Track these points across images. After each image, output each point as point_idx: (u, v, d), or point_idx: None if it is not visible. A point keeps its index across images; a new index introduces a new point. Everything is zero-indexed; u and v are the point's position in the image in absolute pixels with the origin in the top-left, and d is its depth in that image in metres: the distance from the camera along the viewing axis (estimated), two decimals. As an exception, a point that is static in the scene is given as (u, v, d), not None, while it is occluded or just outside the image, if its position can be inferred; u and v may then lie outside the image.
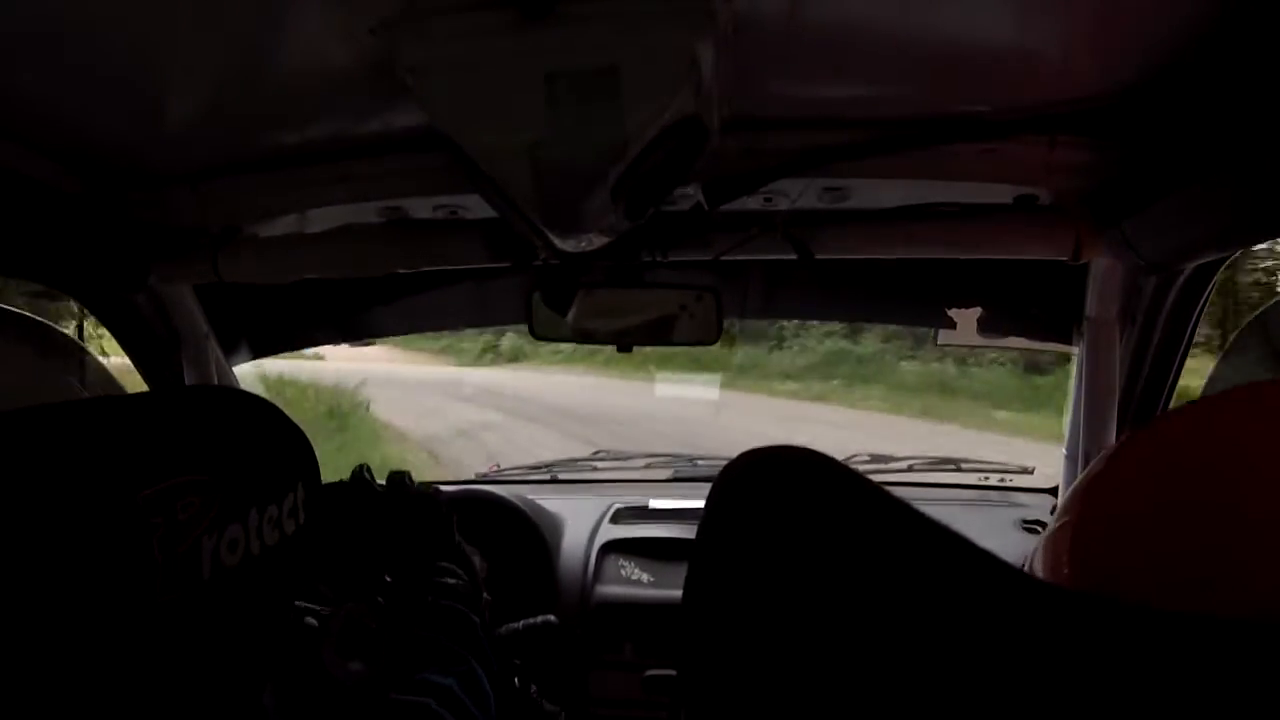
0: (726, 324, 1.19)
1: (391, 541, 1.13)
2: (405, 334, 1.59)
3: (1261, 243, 0.75)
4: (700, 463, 1.61)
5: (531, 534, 1.27)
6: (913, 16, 0.64)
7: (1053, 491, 1.39)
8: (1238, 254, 0.96)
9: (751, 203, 0.95)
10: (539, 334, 1.25)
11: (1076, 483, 0.43)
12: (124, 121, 0.81)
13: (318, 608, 1.01)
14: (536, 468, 1.70)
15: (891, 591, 0.31)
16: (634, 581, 1.24)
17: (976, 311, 1.25)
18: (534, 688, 1.01)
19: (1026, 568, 0.46)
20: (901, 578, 0.31)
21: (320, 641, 0.98)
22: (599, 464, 1.68)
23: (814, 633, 0.31)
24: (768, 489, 0.37)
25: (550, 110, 0.65)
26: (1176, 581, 0.35)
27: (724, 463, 0.41)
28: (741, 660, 0.33)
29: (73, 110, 0.77)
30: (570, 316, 1.22)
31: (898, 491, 0.35)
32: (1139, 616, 0.28)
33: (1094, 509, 0.41)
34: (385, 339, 1.66)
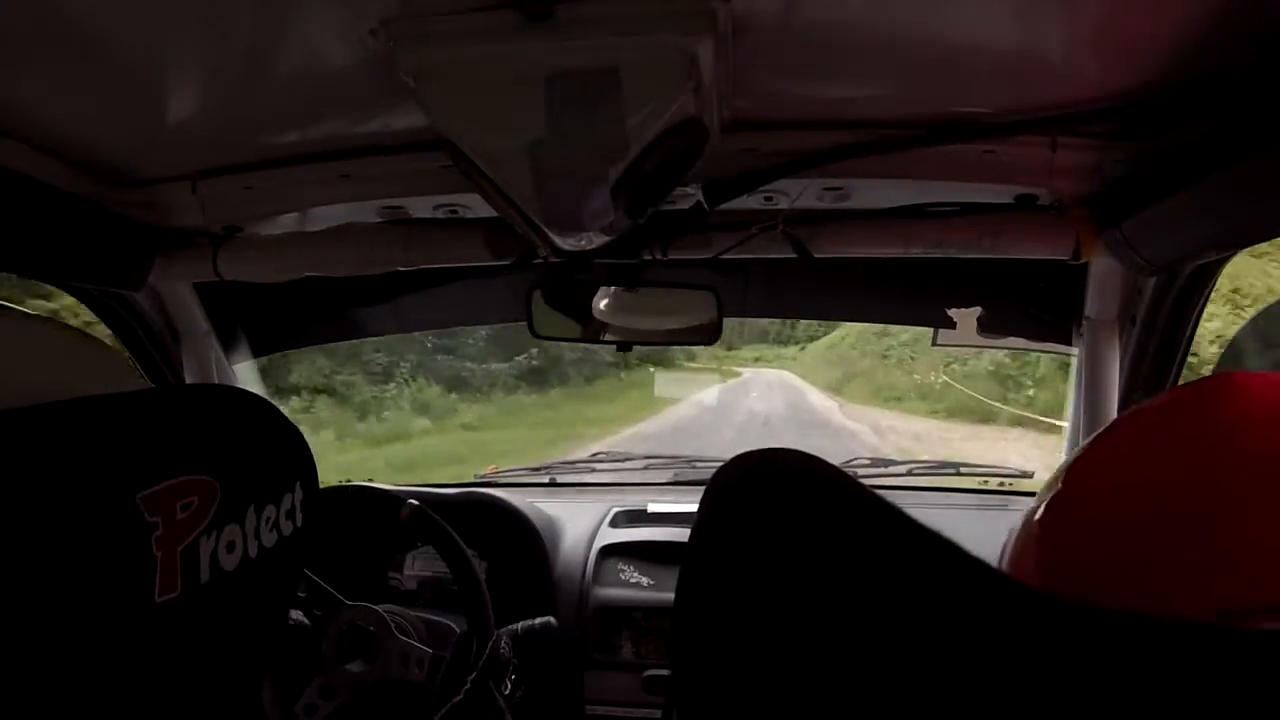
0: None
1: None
2: (405, 332, 1.59)
3: (1261, 242, 0.75)
4: (699, 465, 1.61)
5: (530, 537, 1.27)
6: (913, 17, 0.64)
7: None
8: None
9: (752, 202, 0.95)
10: (539, 333, 1.25)
11: (1050, 479, 0.44)
12: (124, 121, 0.81)
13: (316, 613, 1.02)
14: (535, 469, 1.71)
15: (880, 596, 0.31)
16: (633, 584, 1.25)
17: (976, 311, 1.25)
18: (508, 687, 1.02)
19: (1000, 561, 0.47)
20: (890, 582, 0.31)
21: (318, 640, 0.99)
22: (598, 466, 1.68)
23: (803, 636, 0.31)
24: (759, 493, 0.37)
25: (550, 112, 0.65)
26: (1136, 578, 0.36)
27: (721, 465, 0.41)
28: (732, 662, 0.33)
29: (73, 110, 0.77)
30: (569, 315, 1.23)
31: (897, 495, 0.35)
32: (1129, 624, 0.28)
33: (1063, 507, 0.42)
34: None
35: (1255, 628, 0.31)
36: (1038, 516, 0.44)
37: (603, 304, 1.22)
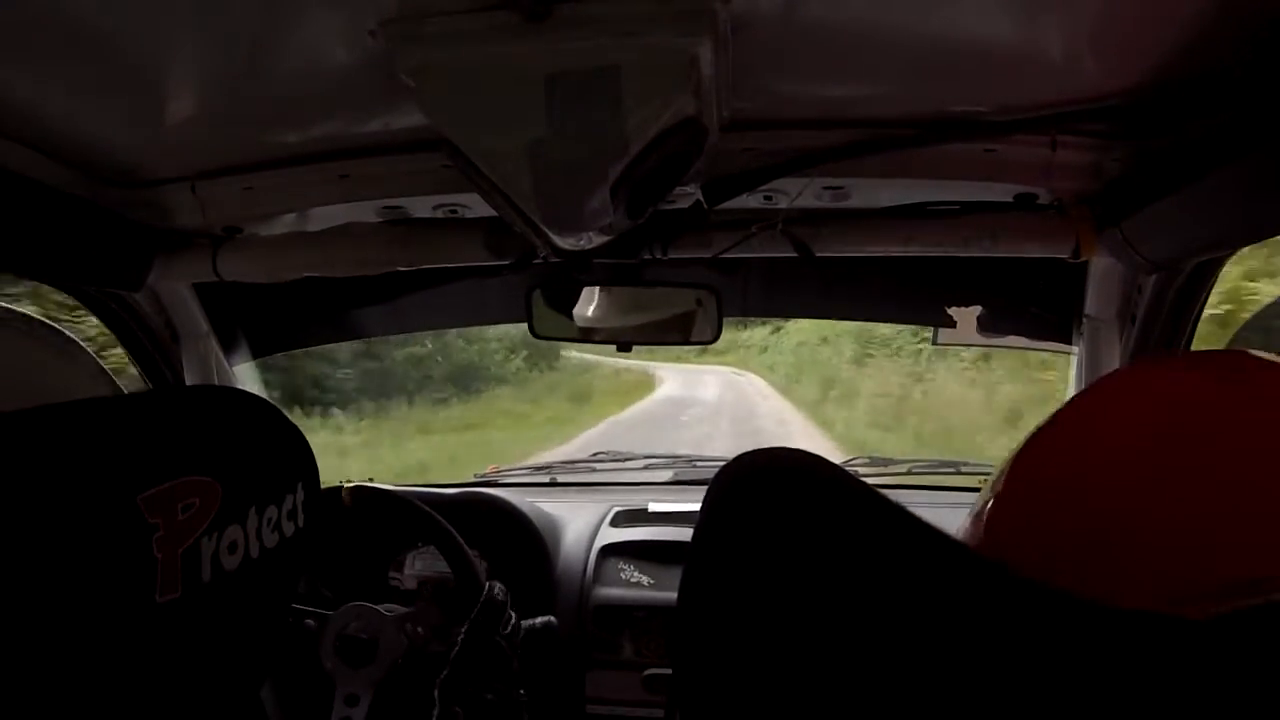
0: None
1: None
2: (405, 333, 1.60)
3: (1261, 241, 0.75)
4: (700, 464, 1.61)
5: (530, 537, 1.27)
6: (913, 16, 0.64)
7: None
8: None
9: (752, 201, 0.95)
10: (539, 333, 1.25)
11: (1003, 463, 0.44)
12: (124, 121, 0.81)
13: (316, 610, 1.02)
14: (536, 469, 1.71)
15: (883, 594, 0.31)
16: (633, 584, 1.24)
17: (976, 310, 1.25)
18: (521, 692, 1.02)
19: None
20: (892, 580, 0.31)
21: (318, 641, 0.99)
22: (598, 466, 1.68)
23: (806, 634, 0.31)
24: (762, 492, 0.37)
25: (550, 112, 0.65)
26: (1080, 559, 0.37)
27: (723, 464, 0.41)
28: (735, 661, 0.33)
29: (73, 110, 0.77)
30: (570, 315, 1.23)
31: (898, 494, 0.35)
32: (1127, 619, 0.28)
33: (1020, 480, 0.43)
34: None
35: (1209, 614, 0.31)
36: (986, 511, 0.44)
37: (601, 304, 1.22)
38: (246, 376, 1.37)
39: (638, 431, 8.41)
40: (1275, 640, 0.27)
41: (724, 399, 9.87)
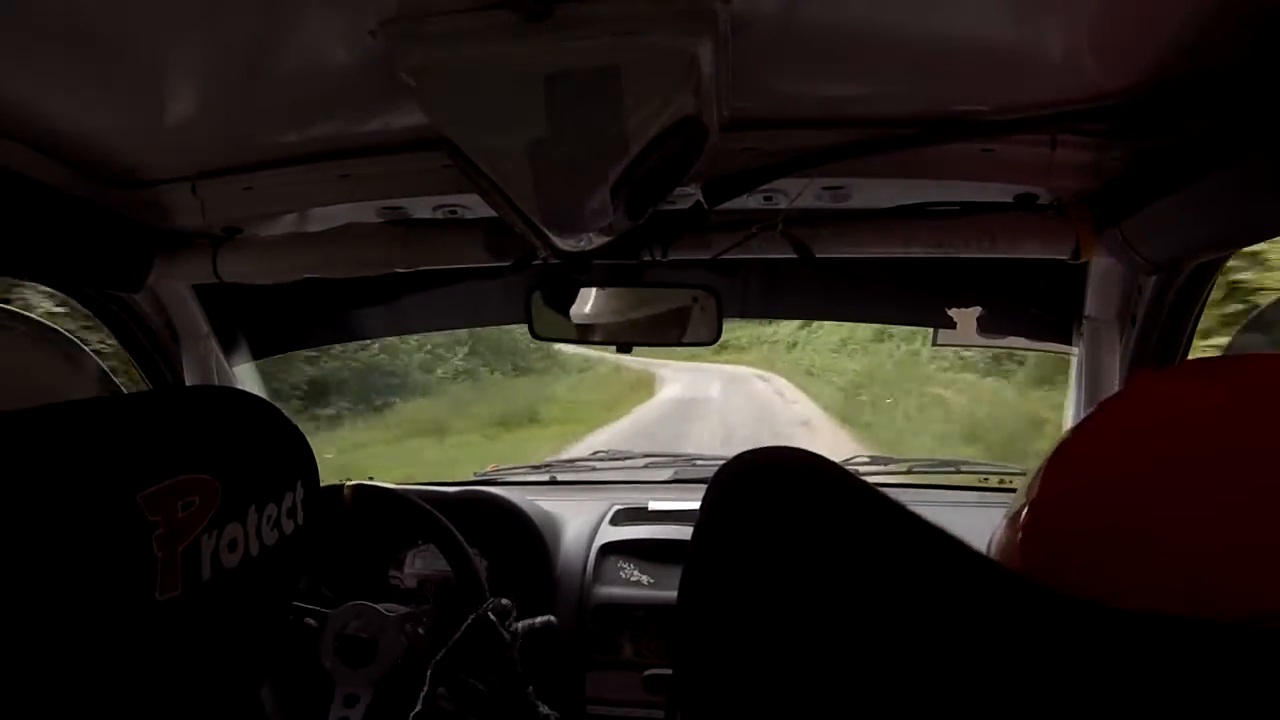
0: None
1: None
2: (404, 333, 1.60)
3: (1261, 241, 0.75)
4: (700, 463, 1.61)
5: (530, 535, 1.27)
6: (913, 16, 0.64)
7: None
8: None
9: (751, 201, 0.95)
10: (539, 334, 1.25)
11: (1040, 462, 0.44)
12: (124, 121, 0.81)
13: (316, 609, 1.01)
14: (536, 468, 1.71)
15: (883, 592, 0.31)
16: (633, 583, 1.24)
17: (976, 311, 1.25)
18: (531, 689, 1.01)
19: (989, 547, 0.47)
20: (893, 579, 0.31)
21: (318, 641, 0.99)
22: (598, 464, 1.68)
23: (806, 633, 0.31)
24: (762, 491, 0.37)
25: (550, 112, 0.65)
26: (1117, 557, 0.36)
27: (723, 463, 0.41)
28: (735, 659, 0.33)
29: (73, 110, 0.77)
30: (570, 316, 1.23)
31: (897, 493, 0.35)
32: (1129, 620, 0.28)
33: (1050, 486, 0.42)
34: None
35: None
36: (1022, 516, 0.44)
37: (600, 303, 1.22)
38: (246, 377, 1.37)
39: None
40: None
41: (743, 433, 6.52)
